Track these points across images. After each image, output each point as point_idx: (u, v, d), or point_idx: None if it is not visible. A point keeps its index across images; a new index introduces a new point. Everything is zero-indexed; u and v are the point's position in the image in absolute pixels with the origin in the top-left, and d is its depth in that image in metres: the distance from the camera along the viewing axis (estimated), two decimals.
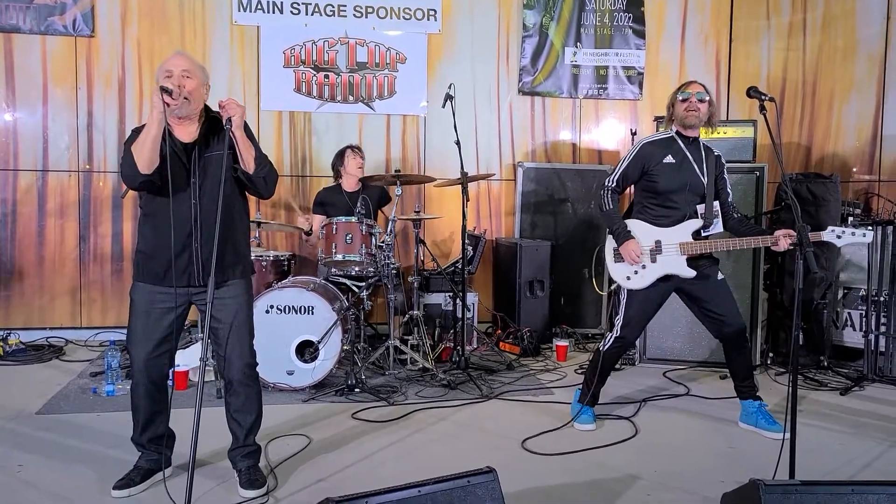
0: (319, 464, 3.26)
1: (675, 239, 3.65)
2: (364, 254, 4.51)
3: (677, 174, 3.67)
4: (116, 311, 5.81)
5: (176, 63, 2.84)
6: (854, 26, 5.75)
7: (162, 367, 2.97)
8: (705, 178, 3.68)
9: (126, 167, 2.77)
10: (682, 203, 3.68)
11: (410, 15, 6.11)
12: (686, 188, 3.67)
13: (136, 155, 2.73)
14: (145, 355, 2.89)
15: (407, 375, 4.68)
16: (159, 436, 3.04)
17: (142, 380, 2.93)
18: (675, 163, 3.67)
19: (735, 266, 4.96)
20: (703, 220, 3.67)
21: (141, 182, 2.77)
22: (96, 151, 5.77)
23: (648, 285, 3.70)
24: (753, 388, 3.82)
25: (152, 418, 3.00)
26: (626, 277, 3.74)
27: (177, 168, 2.81)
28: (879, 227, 4.85)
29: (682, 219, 3.68)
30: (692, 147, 3.71)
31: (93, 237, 5.79)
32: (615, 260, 3.77)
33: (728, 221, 3.76)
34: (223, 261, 2.86)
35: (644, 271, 3.70)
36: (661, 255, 3.68)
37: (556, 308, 5.84)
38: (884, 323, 4.80)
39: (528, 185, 6.15)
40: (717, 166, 3.75)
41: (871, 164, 5.63)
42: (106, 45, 5.74)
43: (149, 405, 2.98)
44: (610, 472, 3.22)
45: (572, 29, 6.38)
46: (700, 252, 3.65)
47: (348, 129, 6.07)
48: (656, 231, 3.70)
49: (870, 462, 3.35)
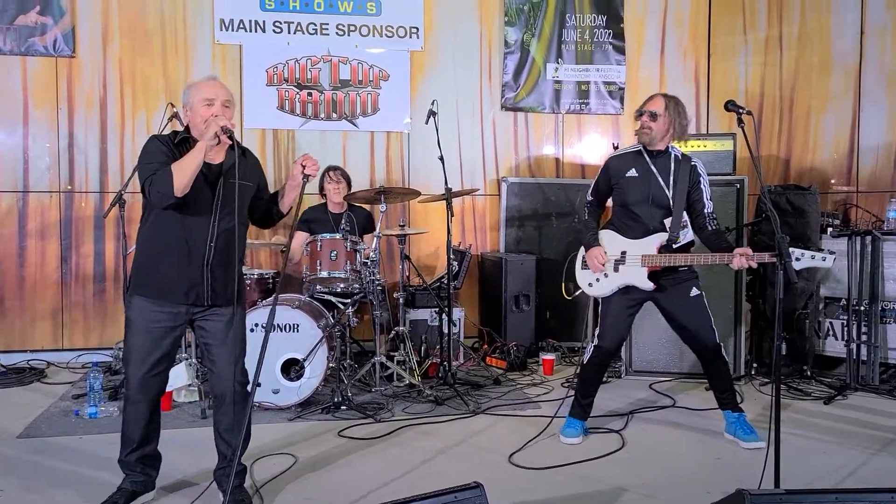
0: (306, 483, 3.24)
1: (639, 251, 3.68)
2: (349, 270, 4.51)
3: (640, 187, 3.71)
4: (99, 333, 5.76)
5: (217, 92, 2.88)
6: (829, 41, 5.85)
7: (158, 386, 2.95)
8: (670, 190, 3.68)
9: (160, 185, 2.72)
10: (645, 216, 3.71)
11: (393, 33, 6.15)
12: (649, 201, 3.69)
13: (176, 178, 2.71)
14: (143, 374, 2.86)
15: (393, 392, 4.66)
16: (148, 456, 3.00)
17: (138, 398, 2.90)
18: (637, 176, 3.72)
19: (718, 277, 5.00)
20: (668, 234, 3.66)
21: (170, 203, 2.76)
22: (77, 172, 5.74)
23: (610, 294, 3.77)
24: (733, 399, 3.83)
25: (146, 438, 2.97)
26: (588, 284, 3.85)
27: (201, 189, 2.83)
28: (858, 238, 4.91)
29: (648, 231, 3.70)
30: (658, 161, 3.73)
31: (74, 258, 5.74)
32: (582, 266, 3.88)
33: (702, 232, 3.73)
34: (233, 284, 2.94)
35: (605, 280, 3.77)
36: (623, 266, 3.72)
37: (542, 322, 5.86)
38: (864, 332, 4.85)
39: (512, 199, 6.19)
40: (692, 176, 3.71)
41: (848, 175, 5.71)
42: (87, 66, 5.73)
43: (143, 424, 2.94)
44: (597, 484, 3.22)
45: (553, 45, 6.45)
46: (661, 265, 3.65)
47: (332, 146, 6.09)
48: (624, 242, 3.75)
49: (854, 470, 3.38)
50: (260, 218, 3.13)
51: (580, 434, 3.82)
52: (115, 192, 5.00)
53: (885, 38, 5.46)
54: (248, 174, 2.98)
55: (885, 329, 4.89)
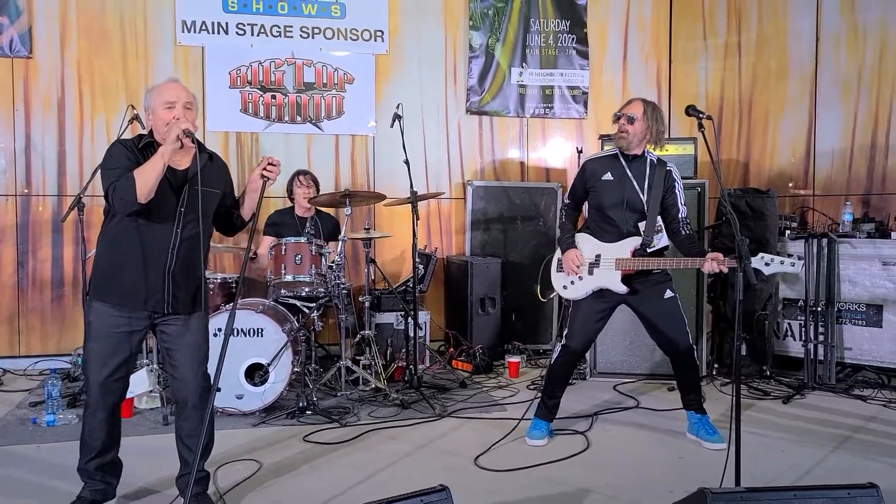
0: (271, 489, 3.21)
1: (614, 254, 3.71)
2: (314, 274, 4.48)
3: (615, 191, 3.73)
4: (57, 339, 5.63)
5: (178, 94, 2.83)
6: (786, 47, 5.98)
7: (119, 392, 2.90)
8: (645, 195, 3.71)
9: (123, 192, 2.68)
10: (620, 220, 3.74)
11: (357, 36, 6.13)
12: (623, 205, 3.72)
13: (139, 184, 2.66)
14: (103, 379, 2.81)
15: (359, 396, 4.64)
16: (109, 463, 2.95)
17: (99, 405, 2.84)
18: (613, 180, 3.74)
19: (680, 279, 5.06)
20: (643, 238, 3.70)
21: (133, 210, 2.72)
22: (35, 174, 5.61)
23: (584, 297, 3.78)
24: (698, 401, 3.89)
25: (106, 445, 2.91)
26: (563, 286, 3.87)
27: (165, 194, 2.78)
28: (815, 240, 5.03)
29: (622, 235, 3.73)
30: (634, 165, 3.76)
31: (31, 263, 5.61)
32: (557, 269, 3.90)
33: (676, 237, 3.75)
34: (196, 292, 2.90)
35: (580, 282, 3.79)
36: (597, 269, 3.75)
37: (507, 325, 5.88)
38: (822, 332, 4.97)
39: (477, 203, 6.21)
40: (667, 181, 3.74)
41: (805, 179, 5.84)
42: (44, 66, 5.61)
43: (105, 431, 2.89)
44: (562, 486, 3.24)
45: (518, 50, 6.49)
46: (634, 269, 3.68)
47: (296, 149, 6.05)
48: (599, 245, 3.78)
49: (811, 468, 3.46)
50: (223, 225, 3.10)
51: (546, 435, 3.84)
52: (73, 196, 4.90)
53: (839, 46, 5.60)
54: (215, 180, 2.94)
55: (841, 329, 5.02)
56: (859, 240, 4.94)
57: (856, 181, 5.49)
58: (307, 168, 5.66)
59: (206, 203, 2.83)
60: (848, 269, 4.99)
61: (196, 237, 2.81)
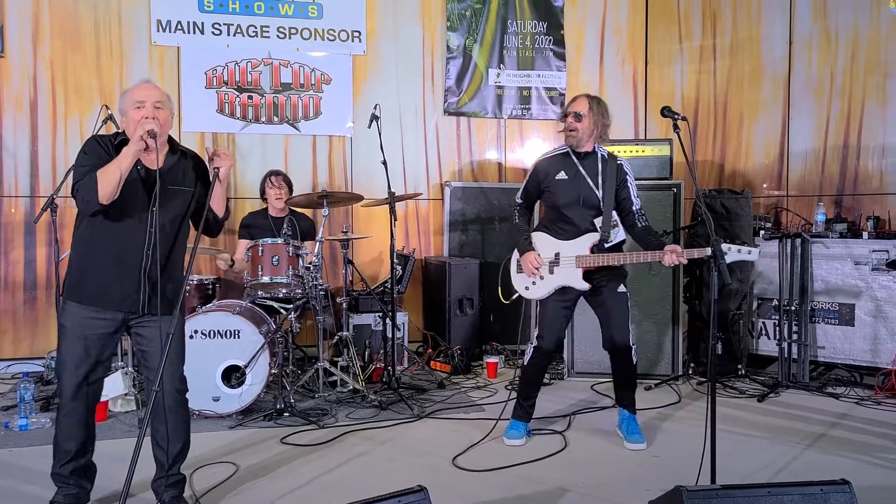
0: (248, 492, 3.19)
1: (573, 252, 3.72)
2: (291, 275, 4.46)
3: (570, 189, 3.75)
4: (29, 342, 5.55)
5: (148, 94, 2.80)
6: (759, 51, 6.06)
7: (94, 394, 2.87)
8: (600, 191, 3.72)
9: (85, 192, 2.66)
10: (577, 217, 3.75)
11: (335, 36, 6.11)
12: (580, 202, 3.73)
13: (101, 185, 2.63)
14: (77, 382, 2.78)
15: (337, 398, 4.62)
16: (83, 467, 2.91)
17: (74, 407, 2.81)
18: (567, 178, 3.76)
19: (656, 280, 5.12)
20: (600, 234, 3.71)
21: (96, 211, 2.69)
22: (6, 175, 5.53)
23: (547, 296, 3.80)
24: (632, 400, 3.90)
25: (81, 448, 2.87)
26: (525, 287, 3.89)
27: (137, 194, 2.75)
28: (789, 240, 5.10)
29: (580, 232, 3.74)
30: (586, 161, 3.78)
31: (3, 264, 5.52)
32: (517, 270, 3.92)
33: (633, 230, 3.77)
34: (170, 293, 2.85)
35: (542, 282, 3.81)
36: (558, 268, 3.76)
37: (485, 325, 5.89)
38: (795, 331, 5.03)
39: (455, 203, 6.21)
40: (619, 175, 3.76)
41: (779, 180, 5.92)
42: (16, 66, 5.52)
43: (80, 434, 2.85)
44: (540, 485, 3.26)
45: (495, 51, 6.51)
46: (595, 265, 3.69)
47: (273, 150, 6.01)
48: (557, 244, 3.78)
49: (785, 465, 3.50)
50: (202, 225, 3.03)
51: (523, 435, 3.85)
52: (46, 197, 4.84)
53: (811, 50, 5.69)
54: (188, 178, 2.91)
55: (814, 328, 5.09)
56: (832, 240, 5.01)
57: (828, 182, 5.57)
58: (283, 169, 5.62)
59: (178, 201, 2.81)
60: (821, 269, 5.06)
61: (171, 237, 2.78)
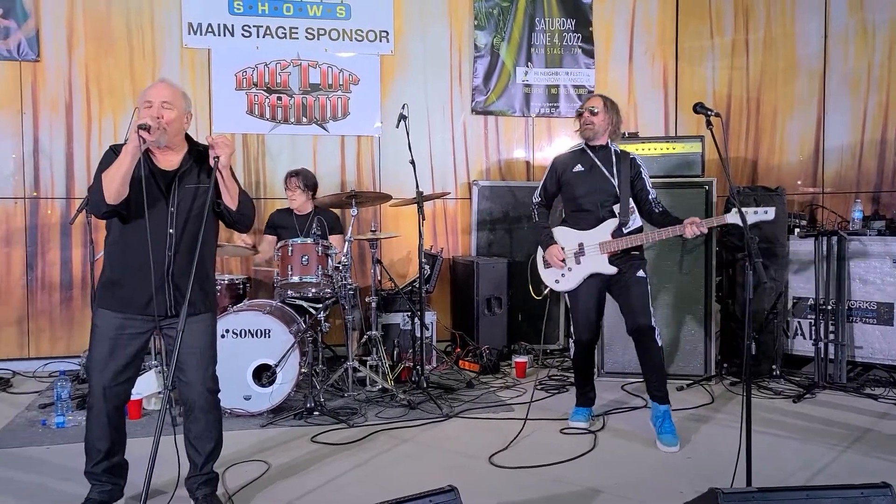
0: (279, 490, 3.21)
1: (596, 239, 3.90)
2: (320, 275, 4.48)
3: (587, 179, 3.96)
4: (66, 341, 5.65)
5: (157, 93, 2.82)
6: (794, 46, 5.96)
7: (123, 395, 2.91)
8: (615, 179, 3.91)
9: (93, 194, 2.72)
10: (596, 206, 3.94)
11: (363, 36, 6.14)
12: (597, 191, 3.93)
13: (105, 184, 2.68)
14: (107, 382, 2.81)
15: (366, 397, 4.64)
16: (116, 465, 2.95)
17: (103, 408, 2.84)
18: (584, 170, 3.98)
19: (688, 278, 5.05)
20: (619, 219, 3.88)
21: (105, 212, 2.73)
22: (43, 177, 5.63)
23: (577, 286, 3.95)
24: (663, 388, 3.87)
25: (112, 447, 2.91)
26: (555, 281, 4.05)
27: (155, 196, 2.78)
28: (824, 238, 5.00)
29: (599, 221, 3.93)
30: (601, 154, 3.98)
31: (41, 265, 5.63)
32: (545, 266, 4.09)
33: (651, 216, 3.94)
34: (200, 293, 2.87)
35: (570, 273, 3.98)
36: (583, 257, 3.94)
37: (514, 325, 5.87)
38: (832, 331, 4.93)
39: (483, 203, 6.20)
40: (633, 167, 3.95)
41: (814, 176, 5.81)
42: (52, 70, 5.63)
43: (110, 434, 2.88)
44: (570, 486, 3.23)
45: (523, 49, 6.48)
46: (619, 249, 3.85)
47: (302, 150, 6.05)
48: (579, 234, 3.97)
49: (823, 467, 3.43)
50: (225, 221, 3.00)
51: (584, 419, 4.08)
52: (81, 198, 4.92)
53: (847, 44, 5.58)
54: (204, 175, 2.88)
55: (851, 328, 4.98)
56: (869, 237, 4.91)
57: (865, 178, 5.46)
58: (311, 169, 5.62)
59: (197, 200, 2.82)
60: (858, 267, 4.96)
61: (194, 237, 2.75)
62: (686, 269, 5.03)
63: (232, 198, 2.86)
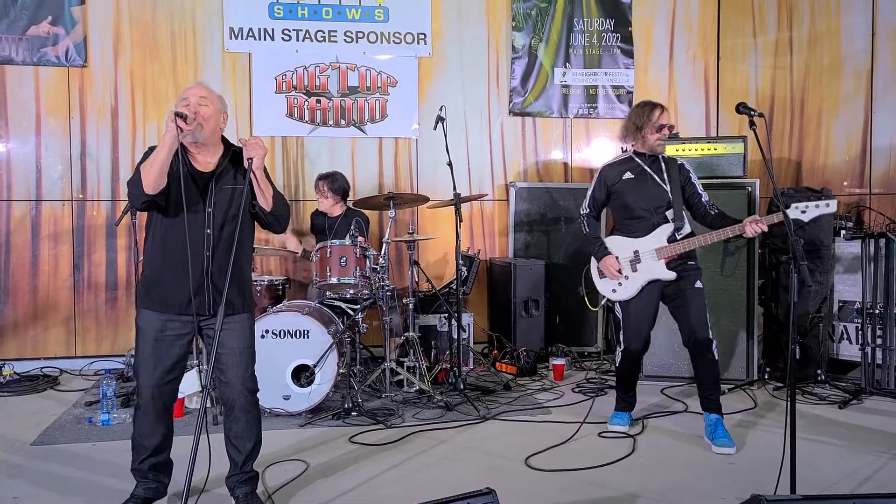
0: (317, 489, 3.24)
1: (651, 246, 3.85)
2: (358, 276, 4.51)
3: (638, 186, 3.91)
4: (111, 340, 5.78)
5: (193, 91, 2.88)
6: (839, 44, 5.82)
7: (170, 395, 2.96)
8: (667, 185, 3.88)
9: (132, 184, 2.78)
10: (649, 212, 3.89)
11: (400, 39, 6.16)
12: (650, 197, 3.89)
13: (143, 174, 2.74)
14: (154, 382, 2.87)
15: (404, 398, 4.65)
16: (160, 463, 3.01)
17: (151, 407, 2.90)
18: (634, 177, 3.93)
19: (729, 281, 4.97)
20: (673, 224, 3.84)
21: (144, 202, 2.78)
22: (90, 180, 5.77)
23: (636, 293, 3.89)
24: (716, 401, 3.83)
25: (159, 445, 2.97)
26: (612, 290, 3.98)
27: (193, 196, 2.82)
28: (872, 240, 4.87)
29: (653, 227, 3.87)
30: (649, 160, 3.95)
31: (87, 266, 5.77)
32: (600, 276, 4.02)
33: (707, 219, 3.91)
34: (238, 293, 2.91)
35: (627, 282, 3.91)
36: (640, 264, 3.88)
37: (551, 327, 5.84)
38: (880, 335, 4.80)
39: (520, 204, 6.18)
40: (682, 174, 3.95)
41: (861, 177, 5.67)
42: (98, 75, 5.77)
43: (157, 432, 2.95)
44: (610, 490, 3.20)
45: (561, 50, 6.44)
46: (676, 253, 3.80)
47: (340, 152, 6.10)
48: (633, 242, 3.91)
49: (870, 475, 3.35)
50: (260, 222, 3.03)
51: (625, 423, 4.05)
52: (126, 201, 5.03)
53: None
54: (243, 177, 2.88)
55: None
56: None
57: None
58: (349, 171, 5.66)
59: (234, 201, 2.86)
60: None
61: (230, 237, 2.78)
62: (728, 271, 4.95)
63: (266, 199, 2.89)
